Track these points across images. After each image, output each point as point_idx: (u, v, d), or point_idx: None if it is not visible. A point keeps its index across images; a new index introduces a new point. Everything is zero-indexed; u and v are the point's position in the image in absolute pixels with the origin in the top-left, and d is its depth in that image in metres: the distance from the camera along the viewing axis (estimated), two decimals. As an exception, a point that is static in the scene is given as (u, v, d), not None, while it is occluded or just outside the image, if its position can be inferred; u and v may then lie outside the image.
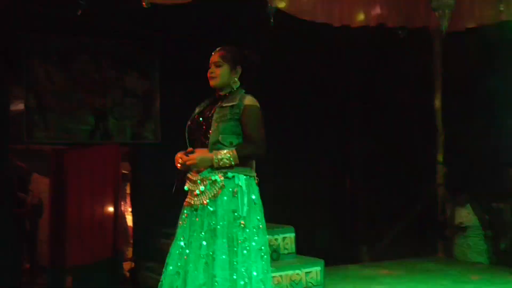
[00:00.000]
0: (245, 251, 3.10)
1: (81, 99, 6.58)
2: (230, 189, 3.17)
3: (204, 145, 3.25)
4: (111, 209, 6.94)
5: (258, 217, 3.21)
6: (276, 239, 4.95)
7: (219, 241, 3.09)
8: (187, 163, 3.20)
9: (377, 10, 5.73)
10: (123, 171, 7.37)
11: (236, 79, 3.38)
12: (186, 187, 3.29)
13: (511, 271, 5.63)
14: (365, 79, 7.66)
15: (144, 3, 4.05)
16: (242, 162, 3.18)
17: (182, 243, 3.23)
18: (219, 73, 3.36)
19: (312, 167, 7.53)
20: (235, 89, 3.37)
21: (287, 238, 5.01)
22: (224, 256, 3.07)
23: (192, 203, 3.22)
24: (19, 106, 6.46)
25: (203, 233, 3.14)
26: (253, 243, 3.13)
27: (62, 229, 6.62)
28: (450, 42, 6.50)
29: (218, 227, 3.11)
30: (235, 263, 3.07)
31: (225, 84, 3.37)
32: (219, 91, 3.39)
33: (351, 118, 7.96)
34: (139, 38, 6.79)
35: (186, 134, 3.40)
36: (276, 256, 4.89)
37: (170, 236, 4.89)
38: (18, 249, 6.37)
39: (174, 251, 3.25)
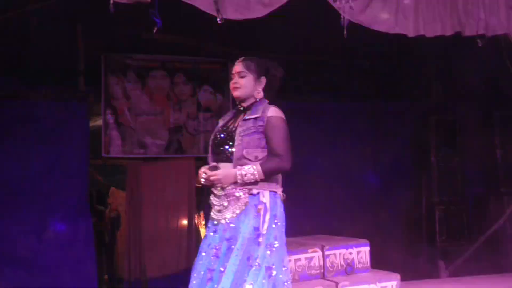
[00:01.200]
0: (255, 268, 3.03)
1: (157, 114, 6.76)
2: (254, 206, 3.12)
3: (229, 160, 3.19)
4: (185, 221, 7.08)
5: (277, 235, 3.13)
6: (350, 253, 4.88)
7: (232, 258, 3.04)
8: (211, 178, 3.15)
9: (453, 18, 5.57)
10: (197, 185, 7.49)
11: (260, 89, 3.33)
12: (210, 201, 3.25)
13: None
14: (443, 89, 7.55)
15: (218, 20, 4.11)
16: (267, 177, 3.13)
17: (203, 254, 3.20)
18: (243, 84, 3.31)
19: (388, 179, 7.43)
20: (258, 100, 3.32)
21: (361, 252, 4.92)
22: (233, 274, 3.00)
23: (215, 217, 3.20)
24: (98, 122, 6.72)
25: (217, 248, 3.12)
26: (265, 261, 3.06)
27: (139, 241, 6.80)
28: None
29: (237, 244, 3.06)
30: (244, 281, 3.00)
31: (248, 94, 3.32)
32: (242, 102, 3.35)
33: (427, 130, 7.80)
34: (214, 55, 6.94)
35: (210, 148, 3.34)
36: (350, 270, 4.83)
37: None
38: (97, 261, 6.56)
39: (197, 262, 3.21)
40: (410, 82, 7.48)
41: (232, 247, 3.07)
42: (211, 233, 3.21)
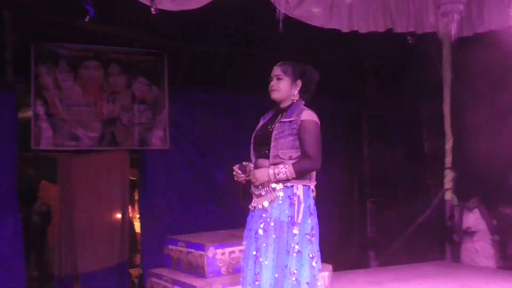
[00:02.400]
0: (296, 256, 3.29)
1: (90, 106, 6.61)
2: (288, 198, 3.37)
3: (264, 155, 3.46)
4: (119, 215, 6.97)
5: (313, 226, 3.38)
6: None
7: (270, 245, 3.31)
8: (248, 177, 3.46)
9: (385, 15, 5.72)
10: (131, 178, 7.39)
11: (296, 92, 3.55)
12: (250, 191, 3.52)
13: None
14: (378, 86, 7.72)
15: (152, 10, 4.06)
16: (298, 176, 3.37)
17: (245, 242, 3.51)
18: (280, 86, 3.54)
19: (319, 173, 7.54)
20: (295, 101, 3.54)
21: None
22: (272, 259, 3.29)
23: (254, 204, 3.48)
24: (28, 113, 6.50)
25: (256, 235, 3.37)
26: (305, 250, 3.32)
27: (71, 236, 6.64)
28: (459, 48, 6.50)
29: (272, 231, 3.32)
30: (284, 266, 3.29)
31: (285, 97, 3.55)
32: (280, 103, 3.58)
33: (360, 125, 7.98)
34: (149, 46, 6.84)
35: (252, 145, 3.61)
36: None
37: (178, 242, 4.95)
38: (26, 257, 6.36)
39: (246, 247, 3.50)
40: (344, 77, 7.62)
41: (269, 233, 3.33)
42: (250, 219, 3.52)
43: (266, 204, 3.39)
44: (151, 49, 6.88)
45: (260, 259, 3.31)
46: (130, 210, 7.76)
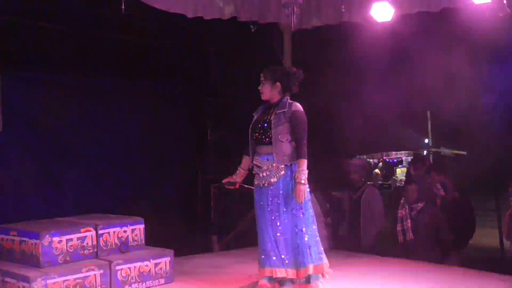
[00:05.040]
0: (302, 216, 4.37)
1: None
2: (289, 173, 4.38)
3: (264, 142, 4.45)
4: None
5: (309, 196, 4.45)
6: (125, 231, 4.87)
7: (281, 211, 4.36)
8: (298, 199, 4.31)
9: (230, 3, 5.82)
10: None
11: (276, 92, 4.50)
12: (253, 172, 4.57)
13: (347, 254, 6.06)
14: (220, 71, 7.81)
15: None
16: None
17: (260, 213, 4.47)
18: (263, 89, 4.55)
19: (163, 159, 7.53)
20: (280, 99, 4.49)
21: (136, 230, 4.94)
22: (286, 220, 4.36)
23: (260, 183, 4.45)
24: None
25: (268, 204, 4.38)
26: (308, 212, 4.42)
27: None
28: (299, 39, 6.80)
29: (282, 200, 4.36)
30: (295, 225, 4.36)
31: (269, 97, 4.54)
32: (269, 101, 4.55)
33: (204, 111, 8.05)
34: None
35: (250, 134, 4.56)
36: (125, 248, 4.82)
37: (10, 230, 4.65)
38: None
39: (258, 220, 4.50)
40: (188, 63, 7.64)
41: (278, 201, 4.36)
42: (259, 195, 4.48)
43: (274, 180, 4.37)
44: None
45: (278, 221, 4.34)
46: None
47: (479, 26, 5.47)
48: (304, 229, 4.38)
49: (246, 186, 4.83)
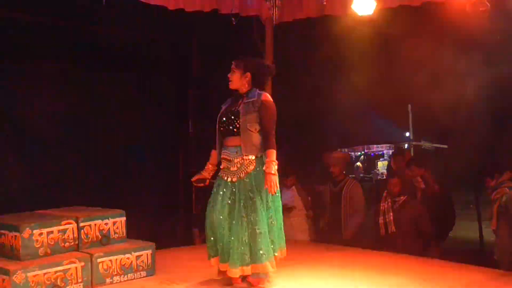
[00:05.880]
0: (274, 208, 4.36)
1: None
2: (260, 164, 4.28)
3: (234, 133, 4.30)
4: None
5: (278, 188, 4.26)
6: (106, 224, 4.85)
7: (257, 203, 4.23)
8: (274, 190, 4.19)
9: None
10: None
11: (245, 82, 4.39)
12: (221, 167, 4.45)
13: (327, 247, 6.10)
14: (204, 66, 7.79)
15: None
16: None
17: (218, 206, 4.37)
18: (233, 78, 4.41)
19: (146, 152, 7.51)
20: (248, 89, 4.38)
21: (117, 223, 4.92)
22: (263, 213, 4.26)
23: (226, 177, 4.34)
24: None
25: (230, 197, 4.31)
26: (277, 202, 4.40)
27: None
28: (280, 32, 6.80)
29: (256, 192, 4.23)
30: (269, 216, 4.33)
31: (237, 86, 4.42)
32: (238, 91, 4.42)
33: (186, 104, 8.04)
34: None
35: (217, 126, 4.43)
36: (106, 241, 4.80)
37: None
38: None
39: (212, 212, 4.43)
40: (170, 56, 7.61)
41: (251, 195, 4.24)
42: (222, 191, 4.35)
43: (242, 175, 4.26)
44: None
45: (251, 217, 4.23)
46: None
47: (461, 20, 5.51)
48: (277, 220, 4.40)
49: (212, 180, 4.65)
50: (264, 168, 4.20)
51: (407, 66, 7.02)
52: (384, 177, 9.53)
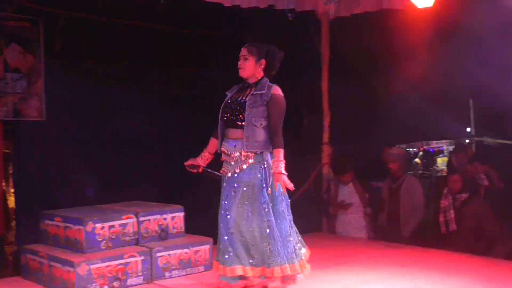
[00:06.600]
0: (274, 212, 3.89)
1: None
2: (259, 162, 3.93)
3: (235, 125, 3.98)
4: (-10, 189, 6.60)
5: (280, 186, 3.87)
6: (165, 219, 4.94)
7: (251, 202, 3.89)
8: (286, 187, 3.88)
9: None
10: (5, 150, 6.99)
11: (260, 70, 4.05)
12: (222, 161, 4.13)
13: (387, 245, 6.00)
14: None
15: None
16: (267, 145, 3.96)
17: (224, 203, 4.05)
18: (246, 65, 4.05)
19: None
20: (259, 79, 4.04)
21: (176, 218, 5.01)
22: (250, 214, 3.88)
23: (226, 172, 4.02)
24: None
25: (227, 195, 4.01)
26: (278, 206, 3.93)
27: None
28: (337, 27, 6.73)
29: (249, 191, 3.89)
30: (267, 220, 3.86)
31: (251, 74, 4.06)
32: (247, 80, 4.08)
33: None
34: (23, 12, 6.44)
35: (220, 115, 4.07)
36: (165, 236, 4.89)
37: (55, 217, 4.78)
38: None
39: (221, 212, 4.09)
40: (224, 53, 7.63)
41: (241, 191, 3.91)
42: (225, 186, 4.06)
43: (238, 170, 3.93)
44: (26, 15, 6.49)
45: (228, 215, 3.96)
46: (3, 184, 7.35)
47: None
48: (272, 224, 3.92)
49: (210, 171, 4.33)
50: (272, 169, 3.88)
51: (469, 60, 6.80)
52: (444, 174, 9.27)
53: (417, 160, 11.67)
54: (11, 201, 7.71)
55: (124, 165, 6.92)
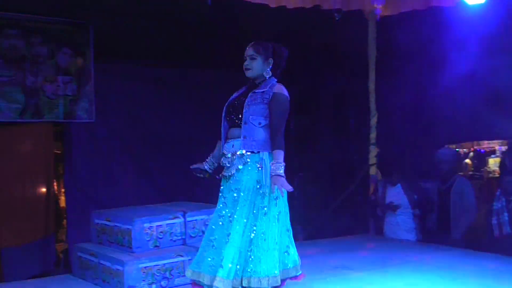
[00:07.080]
0: (264, 216, 3.59)
1: (11, 77, 6.35)
2: (256, 163, 3.66)
3: (235, 125, 3.76)
4: (43, 190, 6.78)
5: (277, 188, 3.57)
6: (212, 219, 4.96)
7: (239, 206, 3.59)
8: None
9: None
10: (56, 151, 7.18)
11: (268, 69, 3.82)
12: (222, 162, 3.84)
13: (436, 247, 5.87)
14: (304, 61, 7.74)
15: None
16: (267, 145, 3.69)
17: (219, 207, 3.77)
18: (253, 65, 3.81)
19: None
20: (267, 78, 3.81)
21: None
22: (243, 219, 3.57)
23: (224, 173, 3.77)
24: None
25: (225, 197, 3.72)
26: (271, 210, 3.62)
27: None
28: (384, 26, 6.64)
29: (242, 194, 3.61)
30: (254, 225, 3.58)
31: (258, 74, 3.82)
32: (254, 80, 3.85)
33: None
34: (74, 17, 6.61)
35: (223, 114, 3.87)
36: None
37: (104, 216, 4.88)
38: None
39: (215, 213, 3.79)
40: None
41: (235, 195, 3.65)
42: (222, 187, 3.80)
43: (233, 171, 3.69)
44: (76, 20, 6.65)
45: (231, 220, 3.60)
46: (55, 184, 7.56)
47: None
48: (265, 232, 3.60)
49: (217, 177, 3.96)
50: (270, 171, 3.59)
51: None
52: (496, 175, 9.00)
53: (467, 161, 11.35)
54: (62, 201, 7.93)
55: (171, 166, 7.00)
